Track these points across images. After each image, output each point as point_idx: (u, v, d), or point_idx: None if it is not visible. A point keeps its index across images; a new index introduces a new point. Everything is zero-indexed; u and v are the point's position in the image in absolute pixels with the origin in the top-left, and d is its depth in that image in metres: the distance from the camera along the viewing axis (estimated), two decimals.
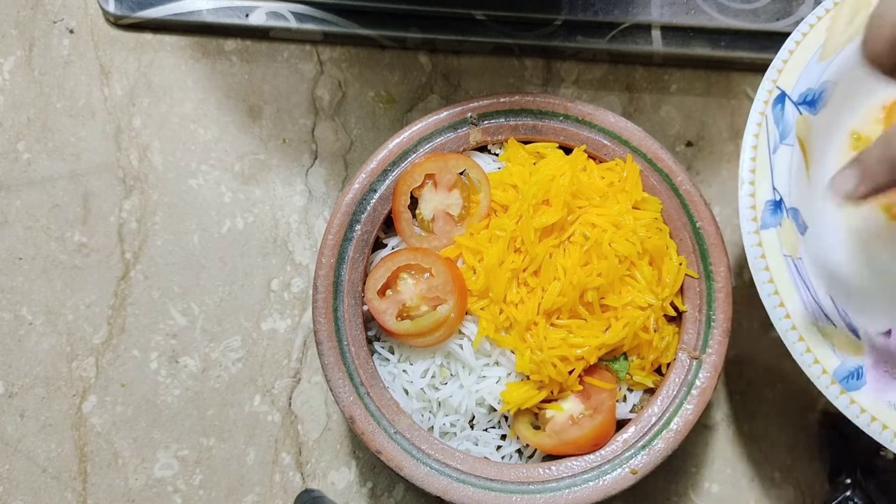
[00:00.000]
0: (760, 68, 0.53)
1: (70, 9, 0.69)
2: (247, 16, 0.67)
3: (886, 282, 0.55)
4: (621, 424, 0.55)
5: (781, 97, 0.54)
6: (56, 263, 0.65)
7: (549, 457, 0.55)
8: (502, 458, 0.56)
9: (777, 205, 0.52)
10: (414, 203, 0.58)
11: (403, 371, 0.56)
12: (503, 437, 0.56)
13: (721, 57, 0.66)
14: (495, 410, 0.55)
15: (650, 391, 0.56)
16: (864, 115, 0.57)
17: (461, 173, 0.57)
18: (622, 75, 0.68)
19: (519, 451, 0.56)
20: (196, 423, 0.63)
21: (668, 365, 0.56)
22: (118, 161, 0.66)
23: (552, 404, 0.55)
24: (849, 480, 0.57)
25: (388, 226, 0.59)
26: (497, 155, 0.60)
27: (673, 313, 0.56)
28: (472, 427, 0.56)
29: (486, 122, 0.59)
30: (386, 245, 0.59)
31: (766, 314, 0.64)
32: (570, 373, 0.54)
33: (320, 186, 0.66)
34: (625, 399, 0.56)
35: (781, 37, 0.57)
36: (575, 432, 0.53)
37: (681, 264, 0.56)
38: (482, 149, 0.60)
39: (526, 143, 0.59)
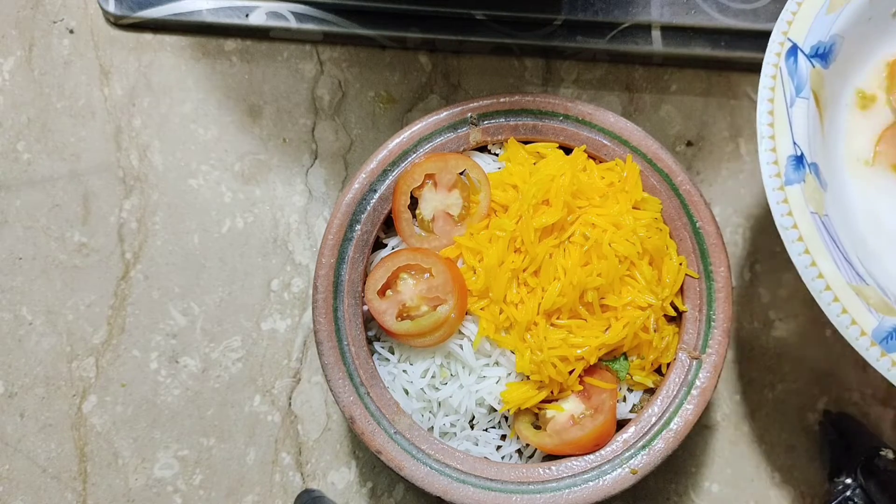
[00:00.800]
0: (760, 68, 0.53)
1: (70, 9, 0.69)
2: (247, 16, 0.67)
3: None
4: (621, 424, 0.55)
5: (794, 49, 0.52)
6: (56, 263, 0.65)
7: (549, 457, 0.55)
8: (502, 458, 0.56)
9: (799, 160, 0.51)
10: (414, 203, 0.58)
11: (403, 371, 0.56)
12: (503, 437, 0.56)
13: (721, 57, 0.66)
14: (495, 410, 0.55)
15: (650, 391, 0.56)
16: (868, 73, 0.56)
17: (461, 173, 0.57)
18: (622, 75, 0.68)
19: (519, 451, 0.56)
20: (196, 423, 0.63)
21: (668, 365, 0.56)
22: (118, 161, 0.66)
23: (553, 404, 0.55)
24: (849, 480, 0.57)
25: (388, 226, 0.59)
26: (497, 155, 0.60)
27: (673, 313, 0.56)
28: (472, 427, 0.56)
29: (486, 122, 0.59)
30: (386, 245, 0.59)
31: (766, 314, 0.64)
32: (571, 373, 0.54)
33: (320, 186, 0.66)
34: (625, 399, 0.56)
35: None
36: (576, 432, 0.53)
37: (681, 264, 0.56)
38: (482, 149, 0.60)
39: (526, 143, 0.59)
